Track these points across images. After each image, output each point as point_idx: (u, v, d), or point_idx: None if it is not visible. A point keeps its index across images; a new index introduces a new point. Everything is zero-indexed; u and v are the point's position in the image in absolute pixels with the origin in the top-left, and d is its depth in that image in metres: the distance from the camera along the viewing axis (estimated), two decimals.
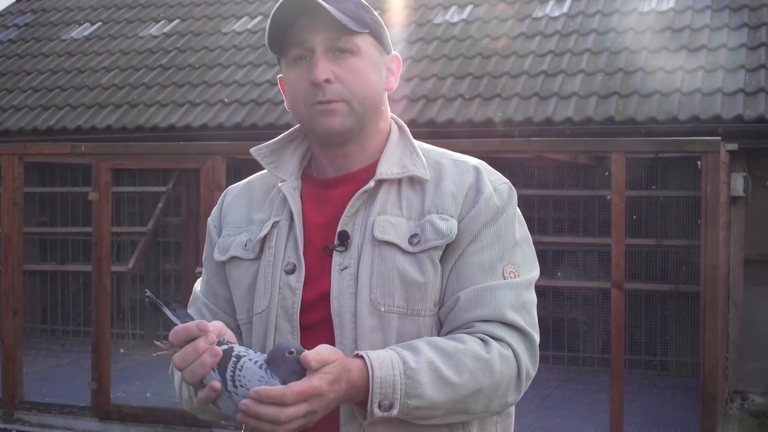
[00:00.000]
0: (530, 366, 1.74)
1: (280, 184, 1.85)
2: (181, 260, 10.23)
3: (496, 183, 1.80)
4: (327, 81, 1.74)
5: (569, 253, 9.27)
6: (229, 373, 1.55)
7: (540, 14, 10.77)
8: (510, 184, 1.84)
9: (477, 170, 1.80)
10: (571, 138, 8.32)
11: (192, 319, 1.63)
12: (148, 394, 7.95)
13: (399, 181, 1.79)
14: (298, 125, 1.92)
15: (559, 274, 9.18)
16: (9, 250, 7.42)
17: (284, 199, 1.84)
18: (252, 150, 1.90)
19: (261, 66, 10.90)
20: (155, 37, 12.26)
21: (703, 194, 6.18)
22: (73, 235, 10.82)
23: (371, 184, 1.77)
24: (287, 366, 1.56)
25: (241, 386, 1.54)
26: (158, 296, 10.50)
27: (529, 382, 1.75)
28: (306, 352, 1.54)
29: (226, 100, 10.36)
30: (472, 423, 1.75)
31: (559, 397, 8.07)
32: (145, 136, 10.04)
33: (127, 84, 11.14)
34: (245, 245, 1.85)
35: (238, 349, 1.60)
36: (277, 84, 10.33)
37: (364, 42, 1.79)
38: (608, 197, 6.65)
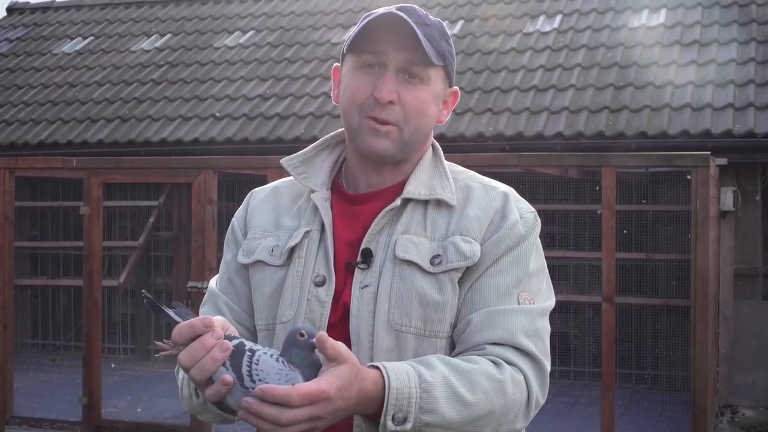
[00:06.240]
0: (540, 393, 1.72)
1: (312, 195, 1.83)
2: (173, 274, 10.23)
3: (522, 211, 1.80)
4: (390, 102, 1.74)
5: (560, 268, 9.29)
6: (245, 369, 1.50)
7: (531, 29, 10.82)
8: (536, 213, 1.83)
9: (505, 196, 1.80)
10: (562, 153, 8.35)
11: (194, 316, 1.58)
12: (139, 409, 7.94)
13: (426, 202, 1.79)
14: (328, 136, 1.92)
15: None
16: (0, 264, 7.40)
17: (315, 209, 1.82)
18: (282, 161, 1.88)
19: (253, 80, 10.93)
20: (147, 51, 12.27)
21: (693, 208, 6.20)
22: (64, 249, 10.80)
23: (397, 202, 1.77)
24: (300, 352, 1.52)
25: (259, 380, 1.49)
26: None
27: (537, 410, 1.72)
28: (322, 333, 1.51)
29: (217, 114, 10.37)
30: None
31: (550, 411, 8.05)
32: (136, 150, 10.05)
33: (118, 98, 11.15)
34: (272, 251, 1.82)
35: (249, 343, 1.55)
36: (268, 99, 10.39)
37: (436, 74, 1.78)
38: (599, 212, 6.67)
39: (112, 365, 9.68)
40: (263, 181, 7.13)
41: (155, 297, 1.62)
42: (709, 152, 6.73)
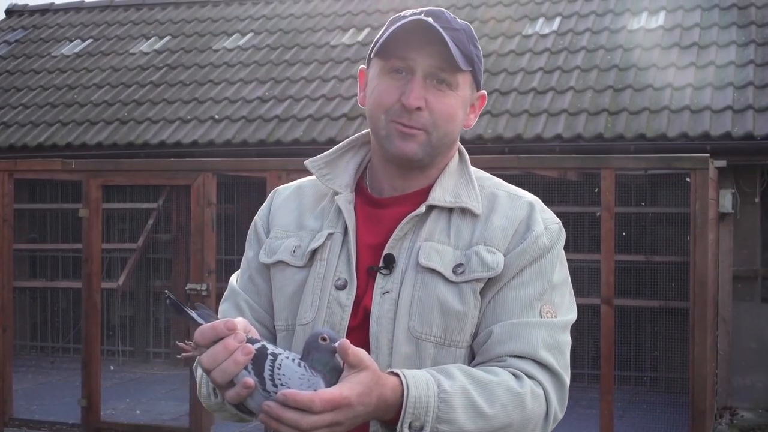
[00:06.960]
0: (558, 408, 1.72)
1: (336, 197, 1.82)
2: (172, 277, 10.22)
3: (547, 221, 1.78)
4: (418, 108, 1.72)
5: None
6: (267, 373, 1.51)
7: (530, 32, 10.82)
8: (561, 224, 1.82)
9: (531, 206, 1.78)
10: (561, 155, 8.35)
11: (216, 318, 1.58)
12: (138, 411, 7.94)
13: (450, 209, 1.77)
14: (353, 137, 1.90)
15: None
16: None
17: (338, 211, 1.81)
18: (306, 162, 1.87)
19: (252, 83, 10.92)
20: (146, 53, 12.27)
21: (692, 211, 6.21)
22: (63, 251, 10.80)
23: (422, 209, 1.75)
24: (322, 356, 1.52)
25: (281, 385, 1.49)
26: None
27: (555, 425, 1.72)
28: (344, 340, 1.51)
29: (216, 116, 10.37)
30: None
31: None
32: (135, 152, 10.04)
33: (117, 101, 11.15)
34: (293, 251, 1.81)
35: (271, 346, 1.55)
36: (268, 101, 10.39)
37: (464, 79, 1.77)
38: (598, 214, 6.67)
39: (111, 367, 9.68)
40: (262, 184, 7.13)
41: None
42: (708, 154, 6.73)
